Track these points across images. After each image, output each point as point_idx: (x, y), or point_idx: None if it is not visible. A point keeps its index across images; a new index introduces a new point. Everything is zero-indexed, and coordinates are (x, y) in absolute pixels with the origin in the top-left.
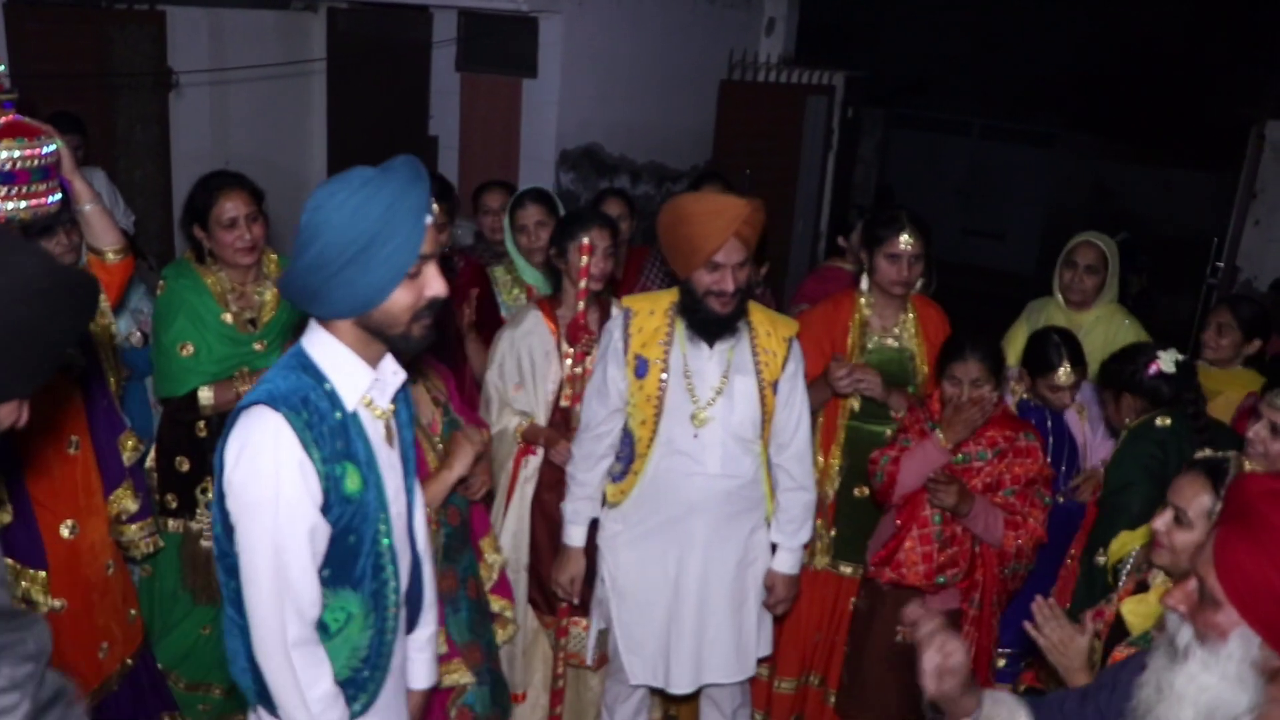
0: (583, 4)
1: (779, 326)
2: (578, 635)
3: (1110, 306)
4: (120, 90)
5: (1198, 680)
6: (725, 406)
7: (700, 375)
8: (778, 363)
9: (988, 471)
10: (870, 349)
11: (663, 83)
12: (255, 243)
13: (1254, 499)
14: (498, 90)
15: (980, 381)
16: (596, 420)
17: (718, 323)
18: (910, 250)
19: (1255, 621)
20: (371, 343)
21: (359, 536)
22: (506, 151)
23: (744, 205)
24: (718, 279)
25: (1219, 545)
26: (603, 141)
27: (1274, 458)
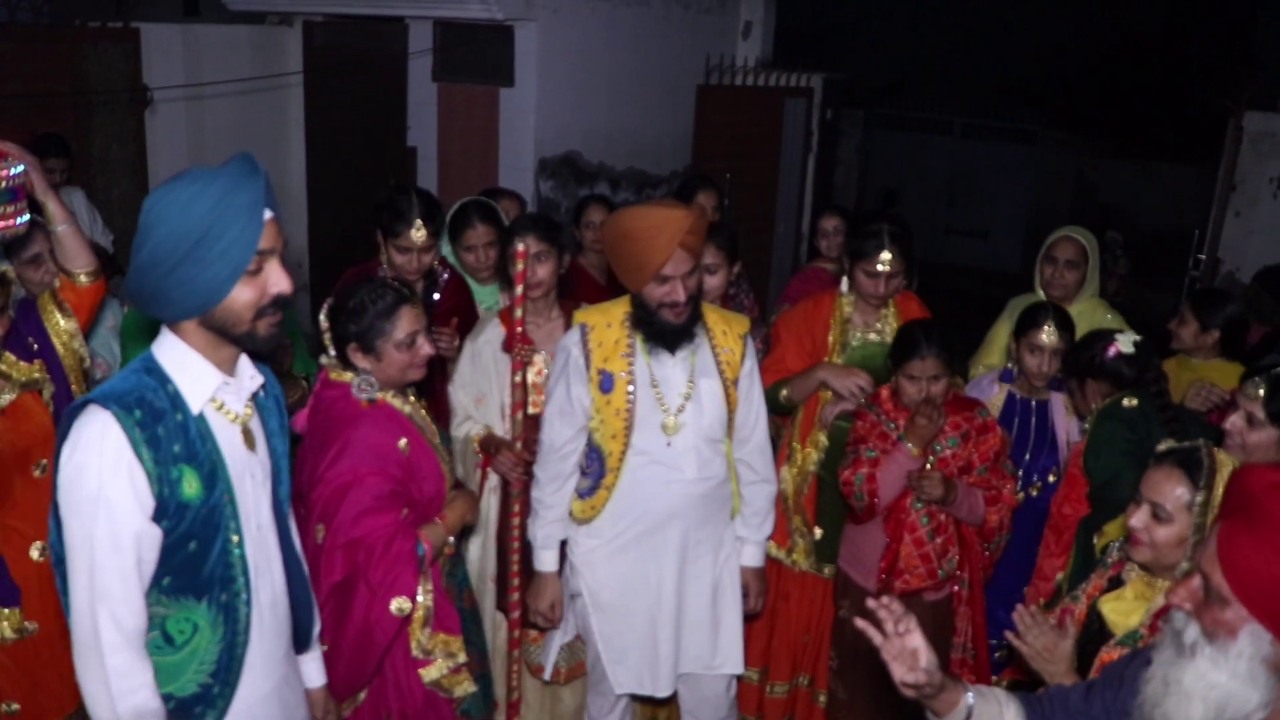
0: (558, 12)
1: (733, 325)
2: (533, 648)
3: (1092, 301)
4: (96, 109)
5: (1207, 678)
6: (694, 411)
7: (667, 383)
8: (736, 360)
9: (960, 456)
10: (854, 345)
11: (640, 89)
12: None
13: (1258, 493)
14: (475, 100)
15: (938, 376)
16: (561, 440)
17: (674, 332)
18: (888, 270)
19: (1265, 618)
20: (221, 345)
21: (202, 544)
22: (485, 161)
23: (686, 216)
24: (668, 291)
25: (1223, 541)
26: (581, 149)
27: (1251, 449)
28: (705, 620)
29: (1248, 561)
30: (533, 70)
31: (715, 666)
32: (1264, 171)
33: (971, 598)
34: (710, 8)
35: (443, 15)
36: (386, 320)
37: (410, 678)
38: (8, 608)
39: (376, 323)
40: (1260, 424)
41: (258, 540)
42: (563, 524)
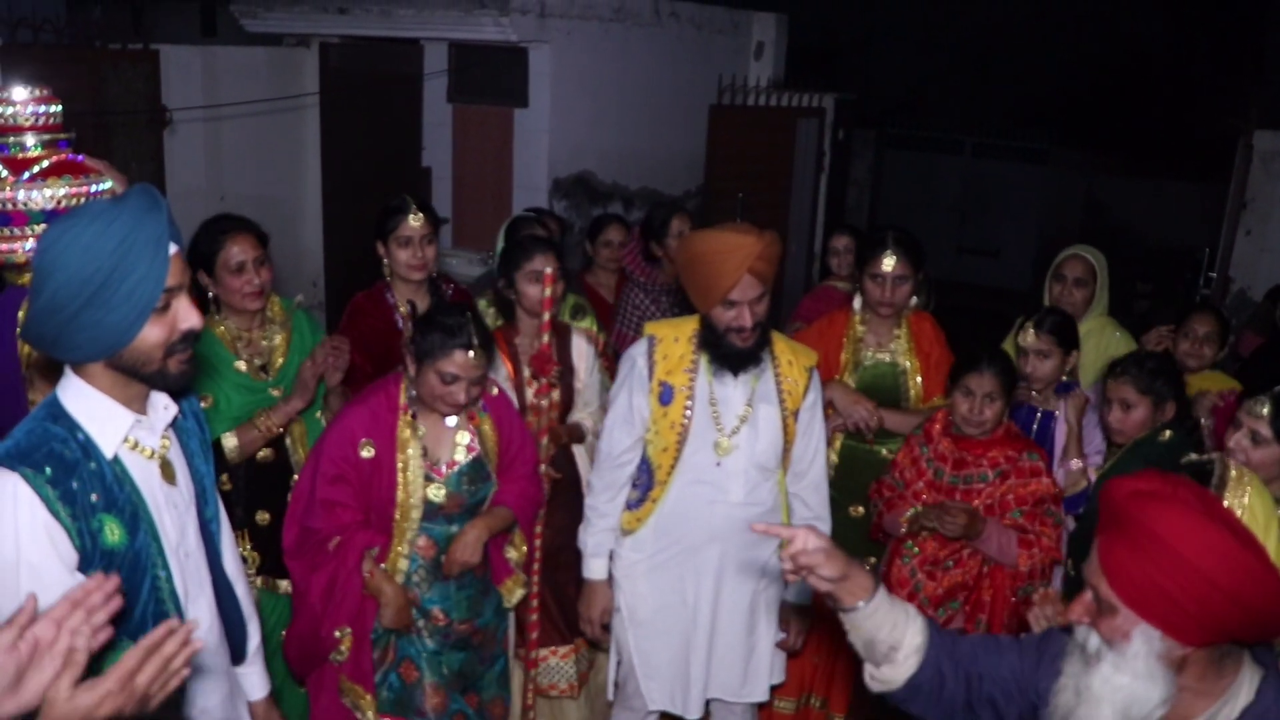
0: (571, 34)
1: (800, 356)
2: (554, 666)
3: (1101, 319)
4: (115, 129)
5: (1111, 681)
6: (749, 435)
7: (726, 403)
8: (799, 391)
9: (988, 493)
10: (865, 364)
11: (653, 109)
12: (264, 287)
13: (1122, 503)
14: (489, 120)
15: (994, 396)
16: (620, 449)
17: (739, 356)
18: (893, 271)
19: (1151, 617)
20: (130, 383)
21: (131, 586)
22: (500, 181)
23: (756, 242)
24: (735, 316)
25: (1102, 554)
26: (595, 169)
27: (1256, 466)
28: (739, 646)
29: (1125, 568)
30: (546, 91)
31: (743, 695)
32: (1275, 190)
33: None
34: (723, 29)
35: (457, 37)
36: (439, 350)
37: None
38: None
39: (430, 345)
40: (1265, 441)
41: (186, 569)
42: (613, 534)
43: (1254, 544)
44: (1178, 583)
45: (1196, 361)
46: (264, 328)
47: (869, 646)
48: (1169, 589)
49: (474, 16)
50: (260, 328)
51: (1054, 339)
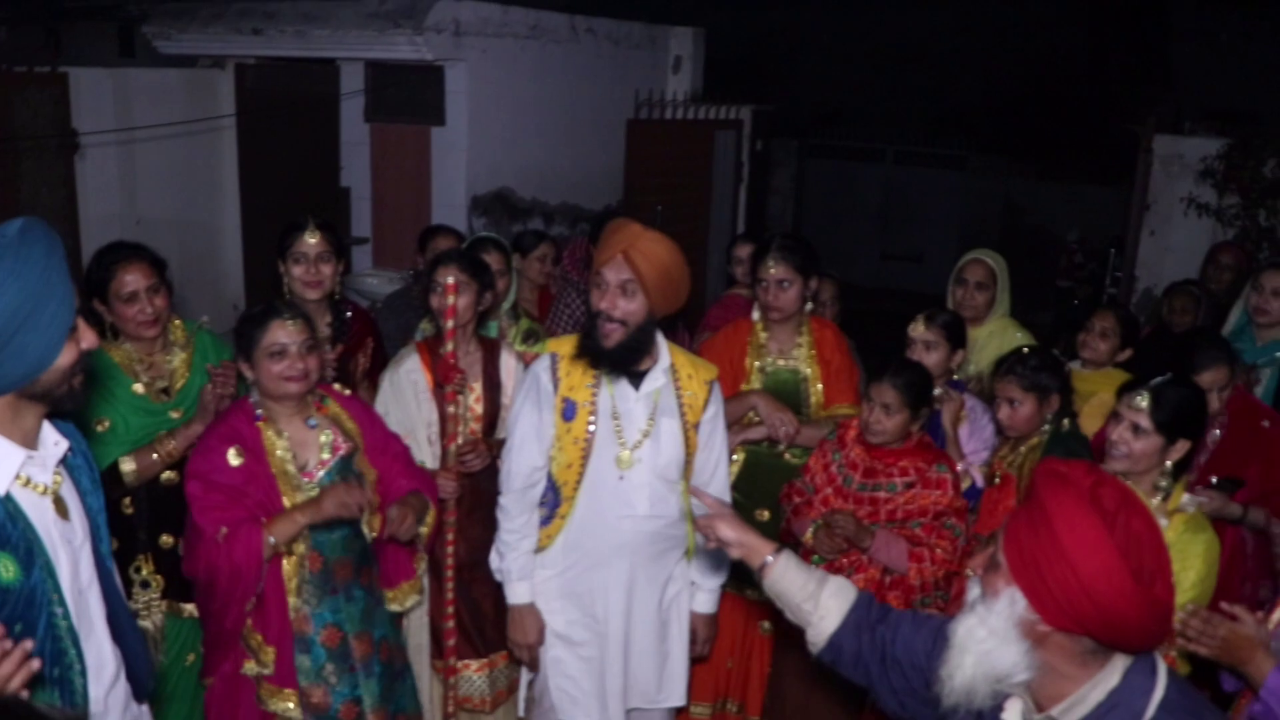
0: (487, 51)
1: (700, 370)
2: (468, 679)
3: (1002, 321)
4: (23, 154)
5: (974, 632)
6: (652, 449)
7: (628, 417)
8: (700, 404)
9: (894, 503)
10: (768, 371)
11: (571, 125)
12: (158, 315)
13: (1038, 477)
14: (407, 139)
15: (892, 408)
16: (531, 466)
17: (599, 354)
18: (776, 275)
19: (1022, 583)
20: (20, 417)
21: (28, 624)
22: (419, 199)
23: (641, 231)
24: (598, 296)
25: (1012, 516)
26: (514, 185)
27: (1137, 457)
28: (652, 654)
29: (1018, 533)
30: (463, 109)
31: (659, 701)
32: (1174, 191)
33: None
34: (640, 44)
35: (373, 56)
36: (257, 330)
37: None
38: None
39: (248, 334)
40: (1145, 433)
41: (82, 605)
42: (530, 554)
43: (1139, 561)
44: (1049, 562)
45: (1093, 355)
46: (166, 350)
47: (793, 611)
48: (1041, 565)
49: (389, 36)
50: (162, 350)
51: (942, 332)
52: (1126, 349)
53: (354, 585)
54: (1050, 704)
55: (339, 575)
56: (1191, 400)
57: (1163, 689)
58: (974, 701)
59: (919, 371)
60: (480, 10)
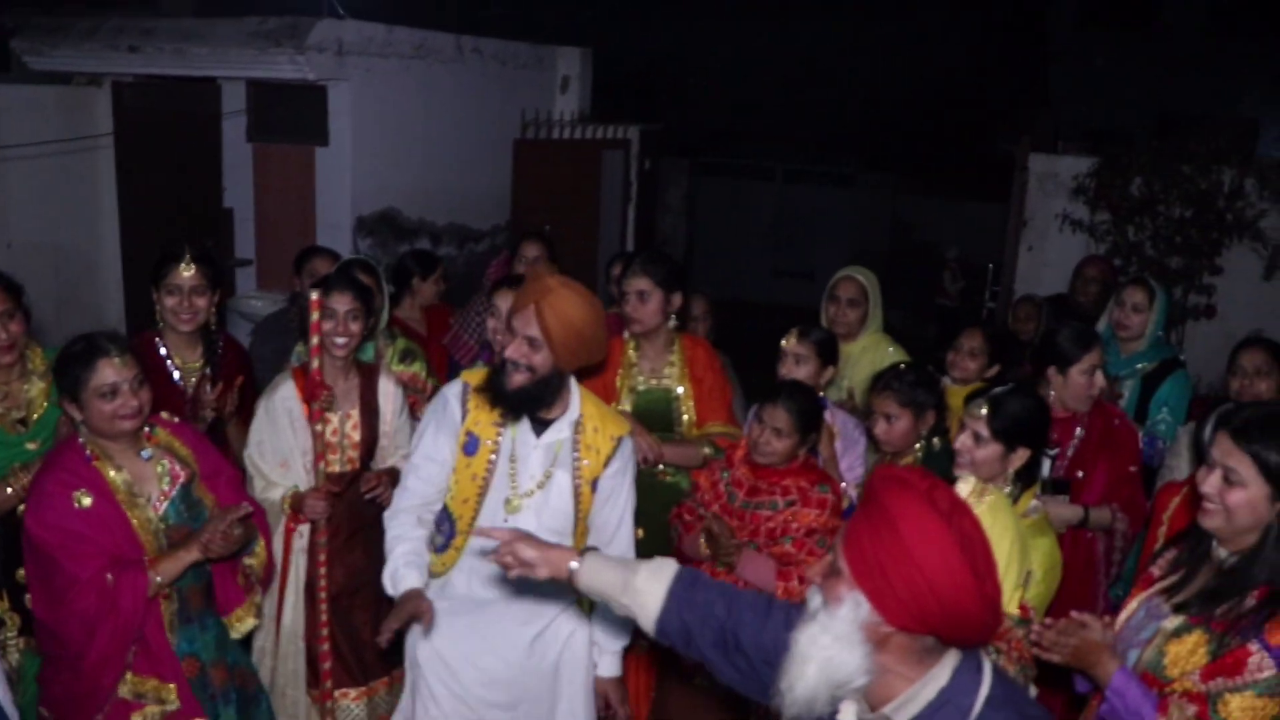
0: (371, 71)
1: (609, 424)
2: (346, 708)
3: (875, 336)
4: None
5: (818, 640)
6: (541, 499)
7: (524, 463)
8: (600, 460)
9: (774, 520)
10: (639, 390)
11: (458, 145)
12: (13, 341)
13: (877, 484)
14: (290, 159)
15: (782, 431)
16: (422, 494)
17: (501, 395)
18: (634, 287)
19: (864, 586)
20: None
21: None
22: (303, 220)
23: (553, 283)
24: (508, 341)
25: (850, 522)
26: (400, 206)
27: (979, 464)
28: (542, 705)
29: (859, 538)
30: (347, 129)
31: None
32: (1050, 208)
33: None
34: (528, 64)
35: (255, 75)
36: (84, 370)
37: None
38: None
39: (74, 374)
40: (985, 440)
41: None
42: (420, 556)
43: (975, 558)
44: (895, 562)
45: (962, 374)
46: (23, 378)
47: (617, 608)
48: (886, 566)
49: (269, 55)
50: (19, 379)
51: (814, 348)
52: (995, 366)
53: (207, 613)
54: (882, 704)
55: (192, 604)
56: (1030, 409)
57: (988, 686)
58: (814, 710)
59: (811, 398)
60: (364, 30)
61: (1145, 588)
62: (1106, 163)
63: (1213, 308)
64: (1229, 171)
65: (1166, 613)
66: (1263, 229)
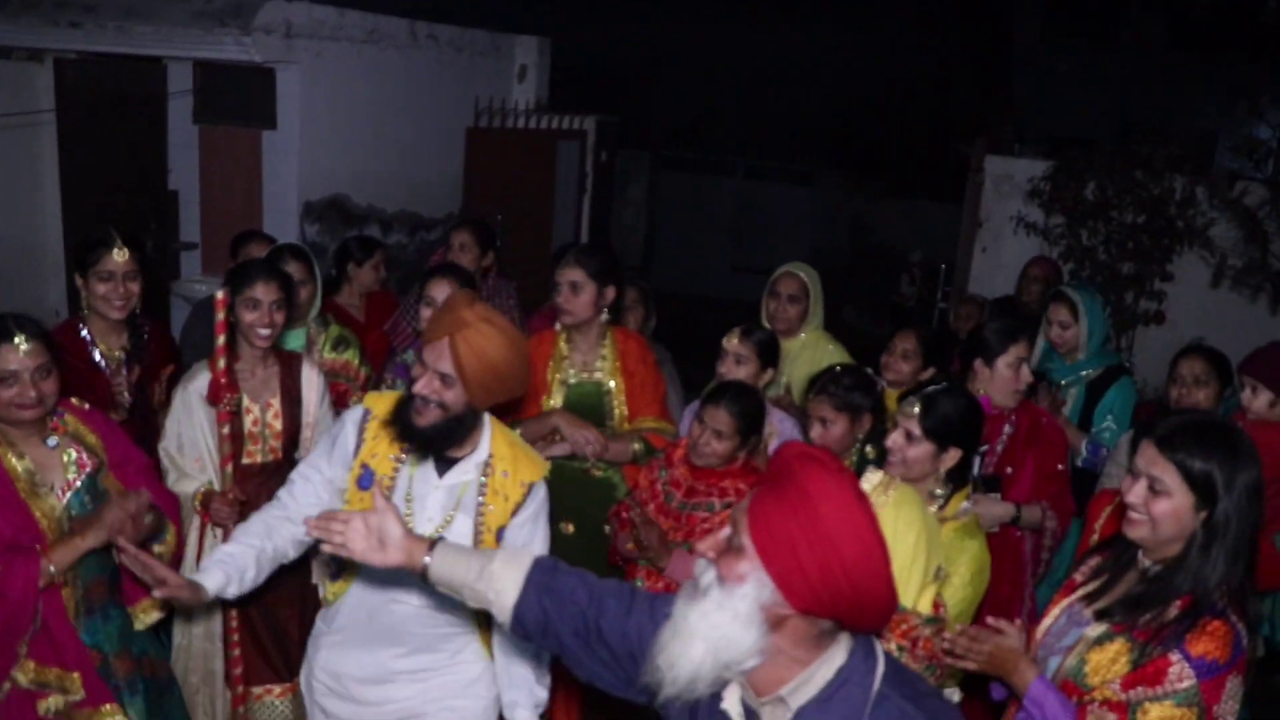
0: (321, 55)
1: (522, 467)
2: (270, 704)
3: (816, 333)
4: None
5: (710, 617)
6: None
7: (421, 503)
8: (507, 508)
9: (712, 522)
10: (570, 384)
11: (410, 131)
12: None
13: (789, 459)
14: (237, 142)
15: (723, 434)
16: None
17: (408, 431)
18: (567, 277)
19: (772, 568)
20: None
21: None
22: (249, 204)
23: (470, 315)
24: (419, 373)
25: (755, 500)
26: (349, 192)
27: (910, 463)
28: None
29: (768, 516)
30: (295, 113)
31: None
32: (1005, 210)
33: None
34: (484, 51)
35: (201, 56)
36: None
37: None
38: None
39: None
40: (917, 439)
41: None
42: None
43: (881, 533)
44: (808, 540)
45: (895, 376)
46: None
47: (472, 597)
48: (799, 545)
49: (215, 35)
50: None
51: (755, 349)
52: (929, 368)
53: (110, 604)
54: (770, 688)
55: (94, 595)
56: (963, 409)
57: (883, 664)
58: (695, 691)
59: (754, 400)
60: (314, 12)
61: (1067, 594)
62: (1062, 166)
63: (1162, 314)
64: (1180, 180)
65: (1088, 620)
66: (1211, 237)
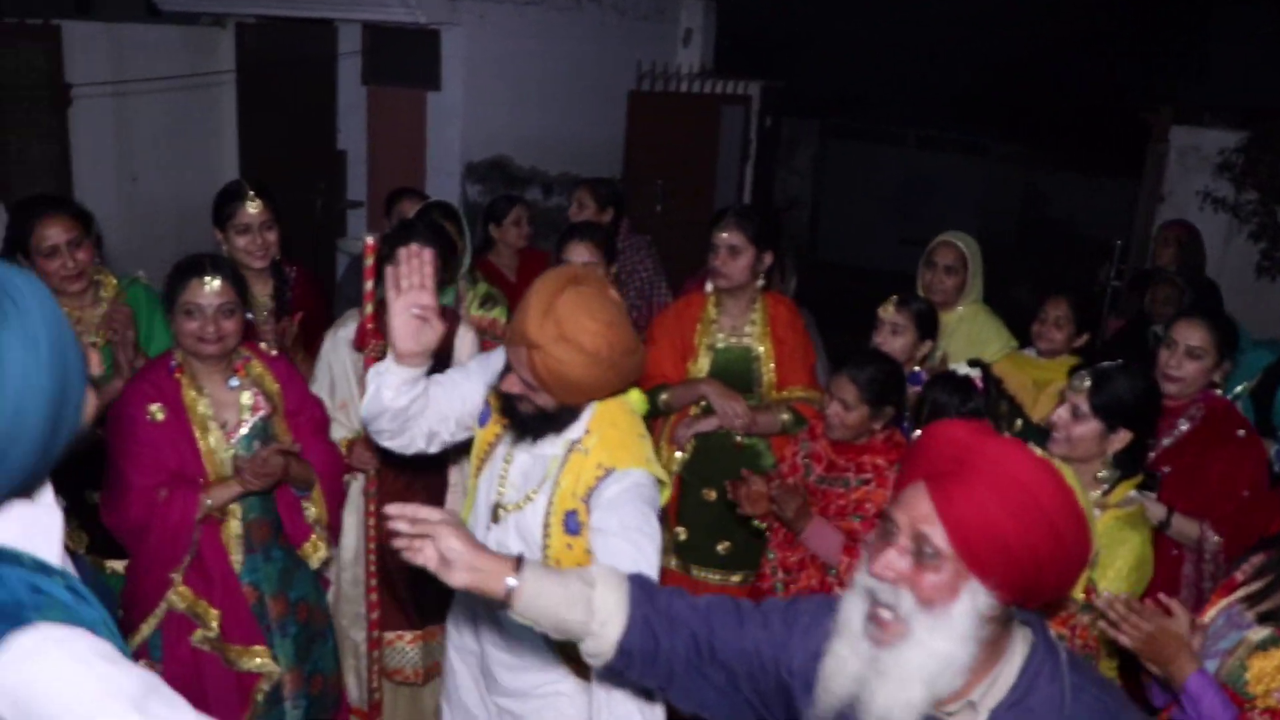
0: (485, 16)
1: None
2: (401, 650)
3: (974, 306)
4: (13, 107)
5: (928, 647)
6: (517, 521)
7: (519, 470)
8: (578, 490)
9: (848, 499)
10: (718, 348)
11: (572, 94)
12: (80, 269)
13: (966, 442)
14: (402, 103)
15: (849, 404)
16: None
17: (509, 412)
18: (725, 240)
19: (983, 570)
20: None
21: None
22: (413, 164)
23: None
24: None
25: (939, 501)
26: (512, 153)
27: (1075, 441)
28: None
29: (967, 513)
30: (459, 74)
31: None
32: (1190, 184)
33: None
34: (648, 14)
35: (369, 18)
36: (179, 286)
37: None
38: None
39: (172, 287)
40: (1084, 417)
41: None
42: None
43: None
44: (1020, 522)
45: (1049, 345)
46: (94, 305)
47: (559, 628)
48: (1008, 534)
49: None
50: (91, 306)
51: (912, 318)
52: (1083, 335)
53: (273, 545)
54: (959, 694)
55: (256, 535)
56: (1139, 390)
57: (1062, 649)
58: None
59: (884, 367)
60: None
61: (1227, 593)
62: (1257, 138)
63: None
64: None
65: (1250, 623)
66: None
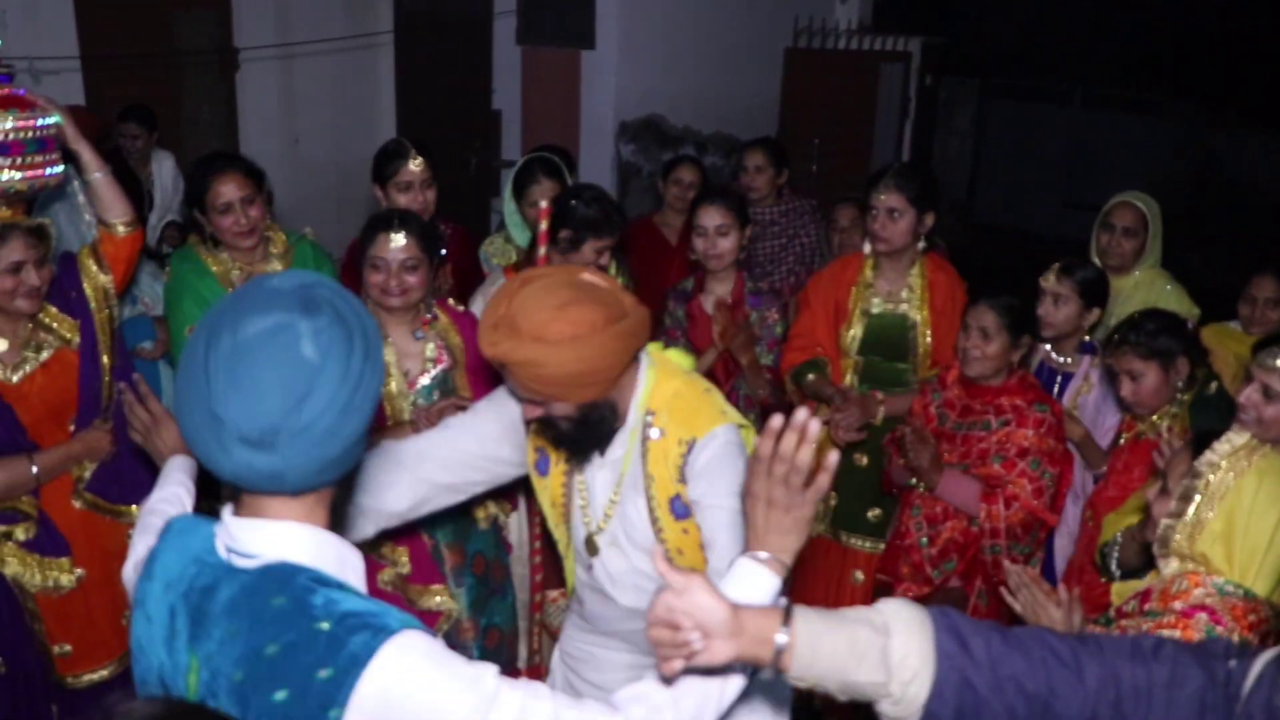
0: None
1: (680, 422)
2: (560, 608)
3: (1152, 271)
4: (186, 71)
5: None
6: (619, 532)
7: (593, 487)
8: (670, 474)
9: (988, 441)
10: (872, 313)
11: (726, 53)
12: (253, 225)
13: None
14: (557, 63)
15: (989, 332)
16: (444, 437)
17: (559, 438)
18: (885, 203)
19: None
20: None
21: None
22: (567, 124)
23: (504, 350)
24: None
25: None
26: (665, 112)
27: (1268, 423)
28: None
29: None
30: (614, 33)
31: None
32: None
33: (990, 610)
34: None
35: None
36: (368, 239)
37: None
38: (60, 557)
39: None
40: (1277, 396)
41: None
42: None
43: None
44: None
45: (1260, 329)
46: (264, 260)
47: (852, 690)
48: None
49: None
50: (261, 261)
51: (1075, 286)
52: None
53: None
54: None
55: None
56: None
57: None
58: None
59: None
60: None
61: None
62: None
63: None
64: None
65: None
66: None
